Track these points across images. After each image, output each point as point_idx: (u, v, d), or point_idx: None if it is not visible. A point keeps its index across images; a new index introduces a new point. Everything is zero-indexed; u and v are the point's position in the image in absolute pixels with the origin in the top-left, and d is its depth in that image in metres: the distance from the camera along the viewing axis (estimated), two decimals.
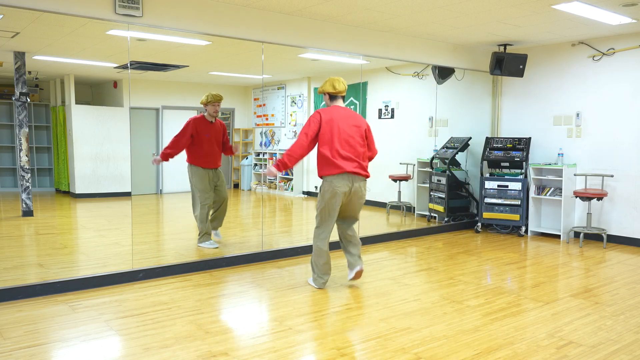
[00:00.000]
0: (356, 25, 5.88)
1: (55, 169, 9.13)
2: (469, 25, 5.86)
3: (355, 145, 4.21)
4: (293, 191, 9.87)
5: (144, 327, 3.47)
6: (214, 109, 5.60)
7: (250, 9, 5.12)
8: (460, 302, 4.09)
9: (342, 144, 4.16)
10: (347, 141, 4.18)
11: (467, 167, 7.81)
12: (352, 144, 4.20)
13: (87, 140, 8.66)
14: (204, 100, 5.60)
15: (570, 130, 6.89)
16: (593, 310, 3.93)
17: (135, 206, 7.68)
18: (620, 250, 6.15)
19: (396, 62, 6.99)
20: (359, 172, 4.22)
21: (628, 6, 5.00)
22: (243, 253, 5.32)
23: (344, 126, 4.20)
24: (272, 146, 10.26)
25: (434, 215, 7.70)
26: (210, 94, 5.57)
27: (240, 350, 3.10)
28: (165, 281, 4.58)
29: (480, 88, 7.83)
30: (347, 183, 4.17)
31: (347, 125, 4.21)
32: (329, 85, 4.29)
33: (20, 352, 3.04)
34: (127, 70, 7.36)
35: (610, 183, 6.48)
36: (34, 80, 8.76)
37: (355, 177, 4.21)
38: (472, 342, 3.27)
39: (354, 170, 4.18)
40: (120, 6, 4.29)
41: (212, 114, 5.63)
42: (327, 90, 4.29)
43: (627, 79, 6.34)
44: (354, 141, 4.21)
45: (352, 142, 4.20)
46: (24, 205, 7.14)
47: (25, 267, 4.98)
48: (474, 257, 5.73)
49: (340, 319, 3.69)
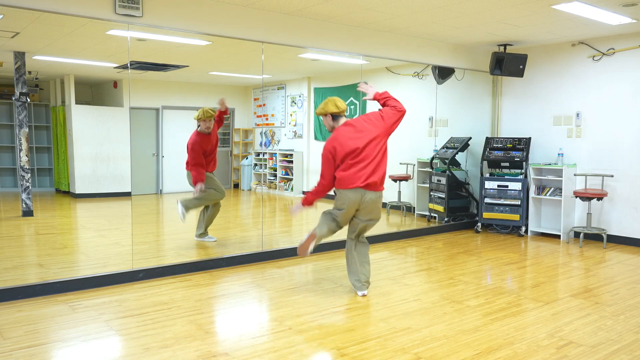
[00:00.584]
0: (356, 25, 5.88)
1: (55, 169, 9.13)
2: (469, 25, 5.86)
3: (363, 159, 4.00)
4: (293, 191, 9.87)
5: (144, 327, 3.47)
6: (206, 124, 5.79)
7: (250, 9, 5.12)
8: (460, 302, 4.09)
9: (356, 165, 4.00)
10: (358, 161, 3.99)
11: (467, 167, 7.81)
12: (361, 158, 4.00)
13: (87, 140, 8.65)
14: (197, 116, 5.81)
15: (570, 130, 6.89)
16: (593, 310, 3.93)
17: (135, 206, 7.68)
18: (620, 250, 6.15)
19: (396, 62, 6.98)
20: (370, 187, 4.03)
21: (628, 6, 5.00)
22: (243, 253, 5.32)
23: (351, 146, 3.99)
24: (272, 146, 10.26)
25: (434, 215, 7.70)
26: (203, 111, 5.76)
27: (240, 350, 3.11)
28: (165, 281, 4.58)
29: (480, 88, 7.83)
30: (359, 196, 4.02)
31: (353, 142, 3.99)
32: (332, 105, 4.09)
33: (20, 352, 3.04)
34: (127, 70, 7.36)
35: (610, 183, 6.48)
36: (34, 80, 8.76)
37: (367, 191, 4.03)
38: (472, 342, 3.27)
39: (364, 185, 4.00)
40: (120, 6, 4.29)
41: (205, 130, 5.81)
42: (331, 111, 4.09)
43: (627, 79, 6.34)
44: (363, 154, 4.00)
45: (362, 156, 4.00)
46: (24, 205, 7.14)
47: (25, 267, 4.98)
48: (474, 257, 5.73)
49: (340, 319, 3.69)
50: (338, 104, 4.11)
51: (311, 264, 5.34)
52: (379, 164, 4.04)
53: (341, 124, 4.13)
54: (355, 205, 4.05)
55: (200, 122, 5.79)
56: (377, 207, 4.13)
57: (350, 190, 4.00)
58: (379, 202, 4.13)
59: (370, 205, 4.06)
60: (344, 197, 4.03)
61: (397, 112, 4.11)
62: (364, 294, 4.22)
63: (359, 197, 4.01)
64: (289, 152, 9.91)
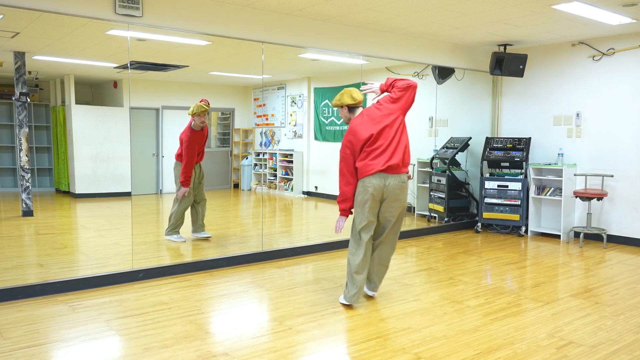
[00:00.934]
0: (356, 25, 5.88)
1: (55, 169, 9.13)
2: (469, 25, 5.86)
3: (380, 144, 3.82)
4: (293, 191, 9.87)
5: (144, 327, 3.47)
6: (200, 119, 5.79)
7: (250, 9, 5.12)
8: (460, 302, 4.09)
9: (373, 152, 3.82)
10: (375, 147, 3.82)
11: (467, 167, 7.81)
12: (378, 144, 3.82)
13: (87, 140, 8.65)
14: (191, 111, 5.81)
15: (570, 130, 6.89)
16: (593, 310, 3.93)
17: (135, 206, 7.68)
18: (620, 250, 6.15)
19: (396, 62, 6.98)
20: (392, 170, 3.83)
21: (628, 6, 5.00)
22: (243, 253, 5.32)
23: (365, 134, 3.83)
24: (272, 146, 10.27)
25: (434, 215, 7.70)
26: (197, 106, 5.77)
27: (240, 350, 3.11)
28: (165, 281, 4.58)
29: (480, 88, 7.83)
30: (382, 181, 3.82)
31: (367, 130, 3.83)
32: (348, 96, 3.94)
33: (20, 352, 3.04)
34: (127, 70, 7.36)
35: (610, 183, 6.48)
36: (34, 80, 8.76)
37: (388, 176, 3.83)
38: (472, 342, 3.27)
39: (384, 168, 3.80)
40: (120, 6, 4.29)
41: (199, 124, 5.82)
42: (347, 103, 3.94)
43: (627, 79, 6.34)
44: (380, 140, 3.82)
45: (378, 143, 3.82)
46: (24, 205, 7.14)
47: (25, 267, 4.98)
48: (474, 257, 5.73)
49: (340, 319, 3.69)
50: (354, 95, 3.96)
51: (311, 264, 5.34)
52: (397, 144, 3.84)
53: (356, 114, 3.99)
54: (379, 194, 3.81)
55: (194, 117, 5.78)
56: (403, 194, 3.90)
57: (371, 176, 3.79)
58: (404, 189, 3.90)
59: (394, 192, 3.83)
60: (367, 184, 3.80)
61: (407, 88, 3.91)
62: (373, 294, 4.17)
63: (382, 182, 3.79)
64: (289, 152, 9.91)
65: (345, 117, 4.05)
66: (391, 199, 3.85)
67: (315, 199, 9.67)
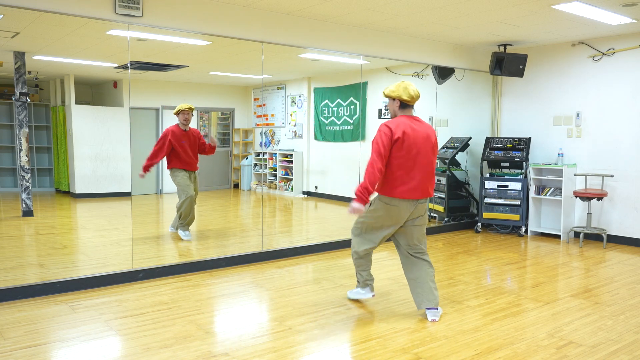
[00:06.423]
0: (356, 25, 5.88)
1: (55, 169, 9.13)
2: (469, 25, 5.86)
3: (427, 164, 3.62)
4: (293, 191, 9.87)
5: (144, 327, 3.47)
6: (184, 117, 6.03)
7: (250, 9, 5.11)
8: (460, 302, 4.09)
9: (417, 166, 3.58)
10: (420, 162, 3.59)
11: (467, 167, 7.81)
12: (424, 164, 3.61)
13: (87, 140, 8.65)
14: (175, 111, 6.07)
15: (570, 130, 6.89)
16: (593, 310, 3.93)
17: (135, 206, 7.67)
18: (620, 250, 6.14)
19: (396, 62, 6.98)
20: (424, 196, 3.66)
21: (628, 6, 5.00)
22: (243, 253, 5.32)
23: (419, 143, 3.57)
24: (272, 146, 10.27)
25: (433, 215, 7.70)
26: (180, 105, 6.03)
27: (240, 350, 3.11)
28: (165, 281, 4.58)
29: (480, 88, 7.83)
30: (409, 208, 3.63)
31: (421, 141, 3.59)
32: (405, 92, 3.60)
33: (20, 352, 3.04)
34: (127, 70, 7.36)
35: (610, 183, 6.48)
36: (34, 80, 8.76)
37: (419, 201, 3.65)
38: (472, 342, 3.27)
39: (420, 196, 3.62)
40: (120, 6, 4.29)
41: (183, 122, 6.03)
42: (402, 98, 3.60)
43: (627, 79, 6.34)
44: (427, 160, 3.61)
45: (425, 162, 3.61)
46: (24, 205, 7.14)
47: (25, 267, 4.98)
48: (474, 257, 5.73)
49: (340, 319, 3.69)
50: (411, 93, 3.61)
51: (311, 264, 5.34)
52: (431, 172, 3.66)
53: (407, 114, 3.69)
54: (404, 217, 3.64)
55: (178, 115, 6.01)
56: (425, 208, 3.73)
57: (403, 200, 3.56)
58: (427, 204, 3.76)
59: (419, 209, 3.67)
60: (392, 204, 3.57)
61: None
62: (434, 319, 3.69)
63: (411, 207, 3.61)
64: (288, 152, 9.91)
65: (392, 110, 3.71)
66: (416, 214, 3.68)
67: (315, 199, 9.67)
